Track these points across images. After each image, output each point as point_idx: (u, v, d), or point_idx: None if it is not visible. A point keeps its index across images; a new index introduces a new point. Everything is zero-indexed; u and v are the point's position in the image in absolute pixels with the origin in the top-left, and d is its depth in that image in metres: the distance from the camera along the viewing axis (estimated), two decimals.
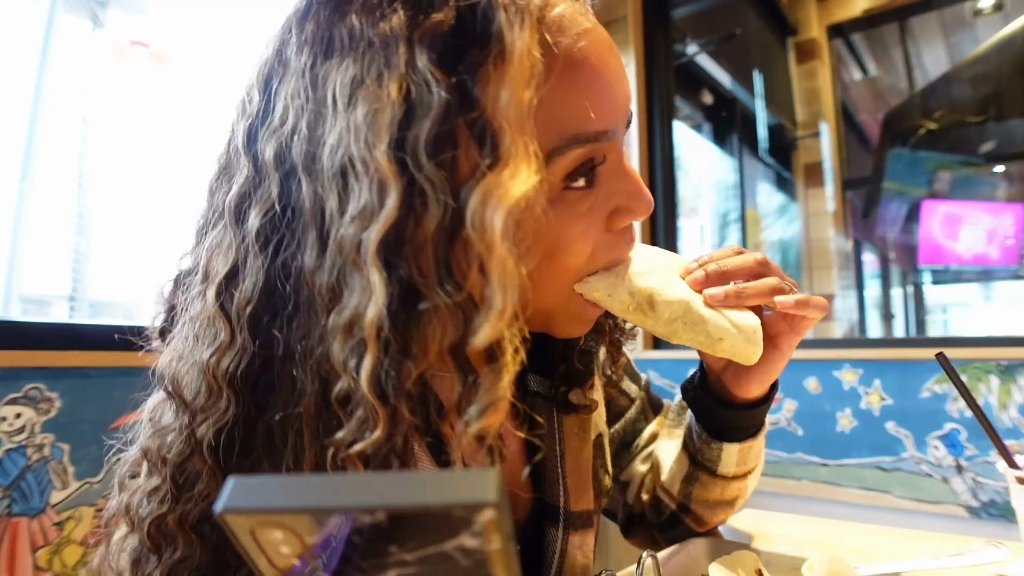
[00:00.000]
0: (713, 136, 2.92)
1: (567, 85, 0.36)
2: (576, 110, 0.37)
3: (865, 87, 3.33)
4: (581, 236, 0.40)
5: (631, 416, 0.70)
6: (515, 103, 0.32)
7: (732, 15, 2.63)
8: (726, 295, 0.46)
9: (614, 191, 0.41)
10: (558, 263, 0.40)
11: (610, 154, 0.40)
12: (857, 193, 3.13)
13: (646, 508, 0.67)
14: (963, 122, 2.79)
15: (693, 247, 2.88)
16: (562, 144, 0.37)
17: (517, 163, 0.32)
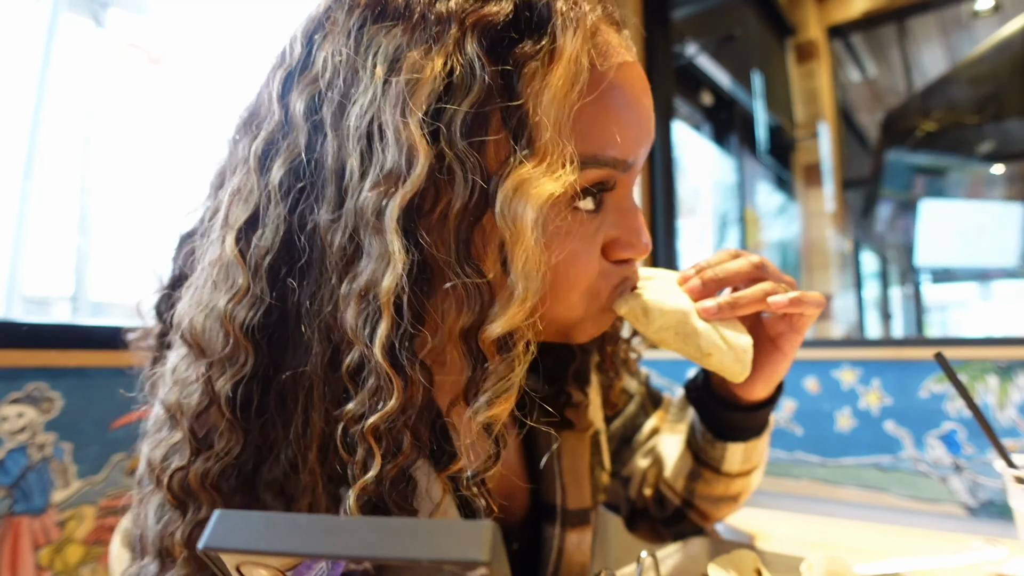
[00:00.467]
0: (713, 136, 2.92)
1: (601, 106, 0.37)
2: (604, 132, 0.37)
3: (864, 88, 3.34)
4: (581, 255, 0.40)
5: (631, 412, 0.70)
6: (557, 103, 0.32)
7: (731, 16, 2.63)
8: (719, 308, 0.45)
9: (618, 223, 0.42)
10: (564, 277, 0.39)
11: (621, 185, 0.41)
12: (856, 193, 3.14)
13: (649, 503, 0.67)
14: (961, 123, 2.80)
15: (693, 247, 2.88)
16: (584, 160, 0.36)
17: (554, 161, 0.32)
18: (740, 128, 2.92)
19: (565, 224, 0.38)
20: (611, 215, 0.41)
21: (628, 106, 0.38)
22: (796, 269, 3.13)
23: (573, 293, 0.41)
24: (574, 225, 0.39)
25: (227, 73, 1.46)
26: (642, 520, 0.70)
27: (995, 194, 2.78)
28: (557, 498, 0.53)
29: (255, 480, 0.35)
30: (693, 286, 0.47)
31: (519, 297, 0.31)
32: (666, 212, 1.97)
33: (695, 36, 2.32)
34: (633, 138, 0.39)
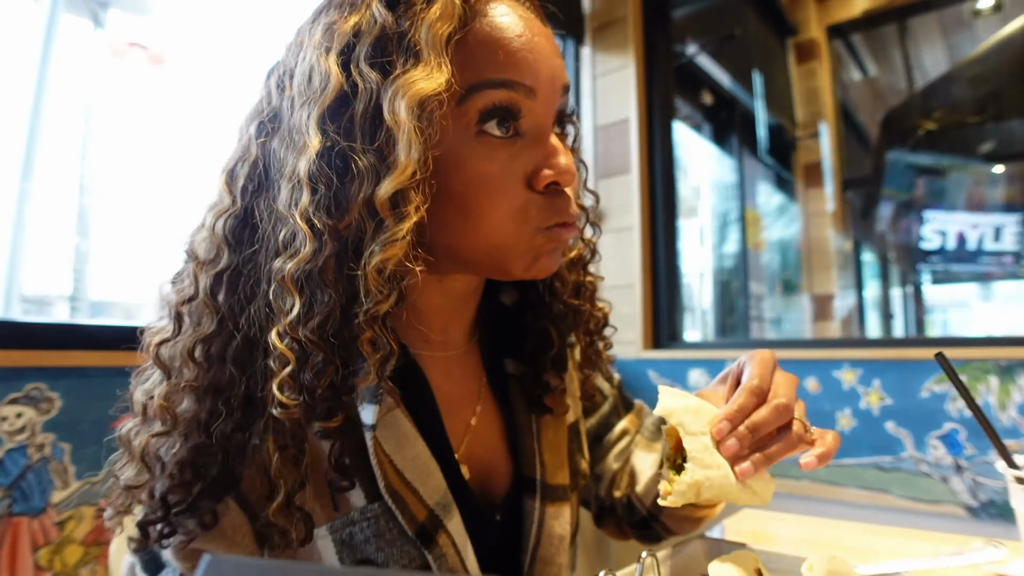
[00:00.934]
0: (713, 136, 2.92)
1: (490, 38, 0.46)
2: (490, 57, 0.45)
3: (865, 87, 3.33)
4: (497, 178, 0.46)
5: (604, 412, 0.73)
6: (433, 29, 0.42)
7: (732, 15, 2.63)
8: (755, 467, 0.49)
9: (535, 153, 0.48)
10: (488, 202, 0.46)
11: (531, 114, 0.47)
12: (856, 193, 3.14)
13: (618, 505, 0.71)
14: (962, 122, 2.79)
15: (693, 247, 2.88)
16: (478, 82, 0.45)
17: (427, 69, 0.42)
18: (740, 128, 2.92)
19: (475, 147, 0.46)
20: (529, 145, 0.48)
21: (516, 37, 0.46)
22: (797, 269, 3.13)
23: (495, 213, 0.47)
24: (485, 149, 0.46)
25: (227, 72, 1.46)
26: (609, 518, 0.74)
27: (996, 194, 2.78)
28: (537, 472, 0.57)
29: (224, 355, 0.45)
30: (731, 448, 0.50)
31: (401, 165, 0.40)
32: (666, 212, 1.97)
33: (695, 35, 2.32)
34: (523, 64, 0.46)
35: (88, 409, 0.98)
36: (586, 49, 2.07)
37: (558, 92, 0.49)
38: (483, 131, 0.46)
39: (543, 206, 0.48)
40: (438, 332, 0.56)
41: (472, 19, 0.45)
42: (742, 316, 2.88)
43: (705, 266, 2.91)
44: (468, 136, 0.46)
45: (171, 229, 1.35)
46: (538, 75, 0.47)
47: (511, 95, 0.46)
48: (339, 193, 0.42)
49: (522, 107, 0.46)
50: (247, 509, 0.45)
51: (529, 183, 0.48)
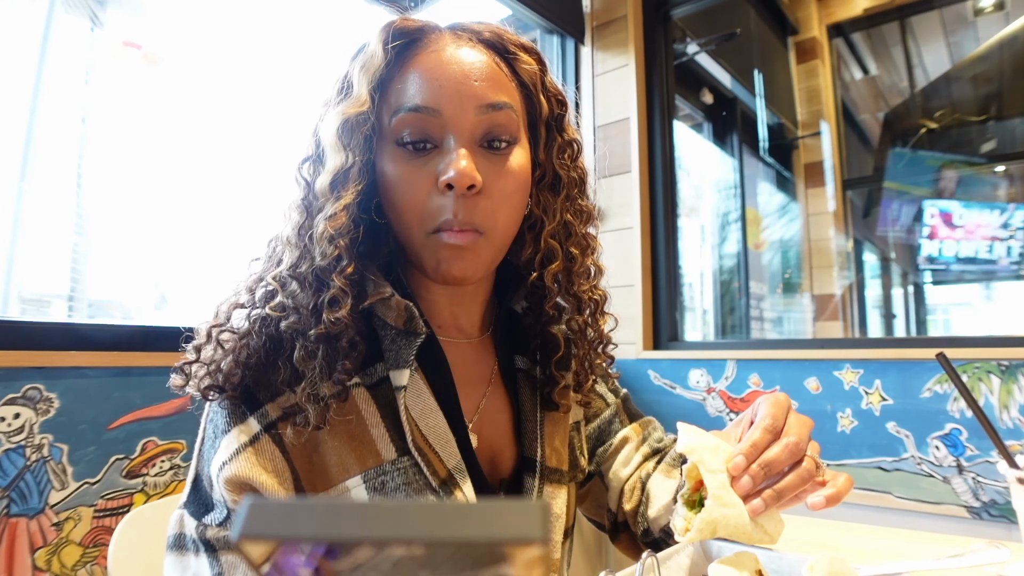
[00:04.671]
0: (713, 136, 2.92)
1: (410, 74, 0.57)
2: (408, 90, 0.56)
3: (866, 86, 3.33)
4: (409, 181, 0.55)
5: (606, 416, 0.78)
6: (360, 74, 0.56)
7: (732, 14, 2.62)
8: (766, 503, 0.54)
9: (440, 161, 0.56)
10: (400, 202, 0.56)
11: (440, 130, 0.56)
12: (857, 193, 3.13)
13: (629, 519, 0.73)
14: (964, 121, 2.79)
15: (693, 247, 2.88)
16: (396, 109, 0.56)
17: (352, 100, 0.55)
18: (741, 127, 2.92)
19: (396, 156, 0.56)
20: (440, 155, 0.56)
21: (426, 70, 0.57)
22: (797, 269, 3.12)
23: (406, 212, 0.56)
24: (402, 157, 0.56)
25: (223, 71, 1.46)
26: (623, 533, 0.76)
27: (998, 193, 2.77)
28: (537, 454, 0.64)
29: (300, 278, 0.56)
30: (745, 487, 0.54)
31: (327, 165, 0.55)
32: (666, 212, 1.96)
33: (696, 34, 2.32)
34: (430, 90, 0.56)
35: (86, 410, 0.97)
36: (586, 49, 2.07)
37: (469, 109, 0.56)
38: (401, 144, 0.56)
39: (439, 209, 0.55)
40: (448, 321, 0.65)
41: (401, 62, 0.58)
42: (743, 316, 2.88)
43: (705, 266, 2.90)
44: (393, 149, 0.57)
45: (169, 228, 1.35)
46: (442, 98, 0.56)
47: (417, 117, 0.55)
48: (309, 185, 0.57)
49: (428, 125, 0.56)
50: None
51: (436, 187, 0.55)
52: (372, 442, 0.55)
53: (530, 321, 0.68)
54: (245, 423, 0.53)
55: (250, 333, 0.54)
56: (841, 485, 0.55)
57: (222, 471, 0.51)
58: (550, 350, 0.66)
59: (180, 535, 0.54)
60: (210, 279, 1.41)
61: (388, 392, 0.56)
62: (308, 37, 1.60)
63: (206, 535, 0.52)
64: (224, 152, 1.45)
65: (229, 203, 1.46)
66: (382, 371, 0.57)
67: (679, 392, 1.77)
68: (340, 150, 0.54)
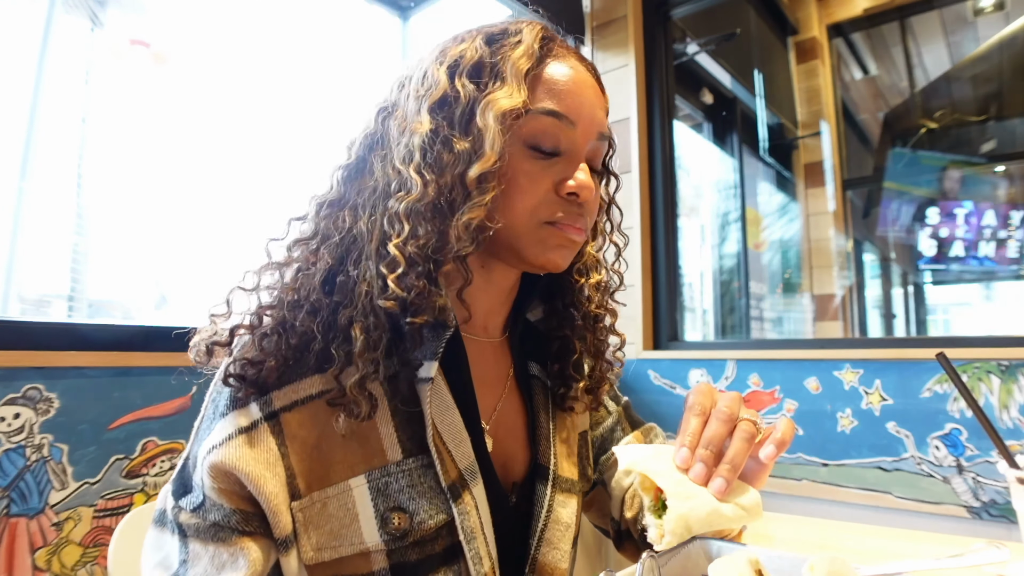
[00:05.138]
0: (713, 136, 2.92)
1: (551, 78, 0.59)
2: (549, 93, 0.58)
3: (866, 86, 3.33)
4: (528, 182, 0.57)
5: (608, 424, 0.79)
6: (516, 66, 0.56)
7: (732, 15, 2.62)
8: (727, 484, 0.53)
9: (565, 169, 0.58)
10: (513, 196, 0.57)
11: (569, 141, 0.58)
12: (857, 193, 3.13)
13: (631, 527, 0.73)
14: (964, 121, 2.79)
15: (693, 247, 2.88)
16: (534, 108, 0.57)
17: (509, 91, 0.55)
18: (741, 127, 2.92)
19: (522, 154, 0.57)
20: (561, 164, 0.58)
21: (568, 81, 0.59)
22: (797, 269, 3.12)
23: (519, 205, 0.57)
24: (528, 157, 0.57)
25: (226, 71, 1.46)
26: (628, 540, 0.76)
27: (998, 193, 2.77)
28: (550, 462, 0.65)
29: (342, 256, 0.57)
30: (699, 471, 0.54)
31: (486, 155, 0.53)
32: (666, 212, 1.96)
33: (696, 34, 2.32)
34: (571, 105, 0.58)
35: (86, 409, 0.97)
36: (586, 48, 2.07)
37: (594, 133, 0.60)
38: (531, 143, 0.57)
39: (554, 206, 0.58)
40: (480, 317, 0.66)
41: (544, 61, 0.59)
42: (742, 316, 2.88)
43: (705, 266, 2.90)
44: (520, 146, 0.57)
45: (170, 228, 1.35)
46: (579, 113, 0.59)
47: (555, 123, 0.57)
48: (440, 162, 0.55)
49: (560, 133, 0.58)
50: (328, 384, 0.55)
51: (556, 190, 0.58)
52: (379, 440, 0.55)
53: (552, 325, 0.70)
54: (246, 408, 0.53)
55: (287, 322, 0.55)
56: (784, 428, 0.56)
57: (209, 455, 0.51)
58: (566, 354, 0.68)
59: (163, 511, 0.54)
60: (210, 279, 1.41)
61: (402, 387, 0.56)
62: (309, 36, 1.60)
63: (179, 518, 0.52)
64: (225, 151, 1.45)
65: (230, 202, 1.46)
66: (397, 364, 0.56)
67: (679, 392, 1.78)
68: (498, 143, 0.54)
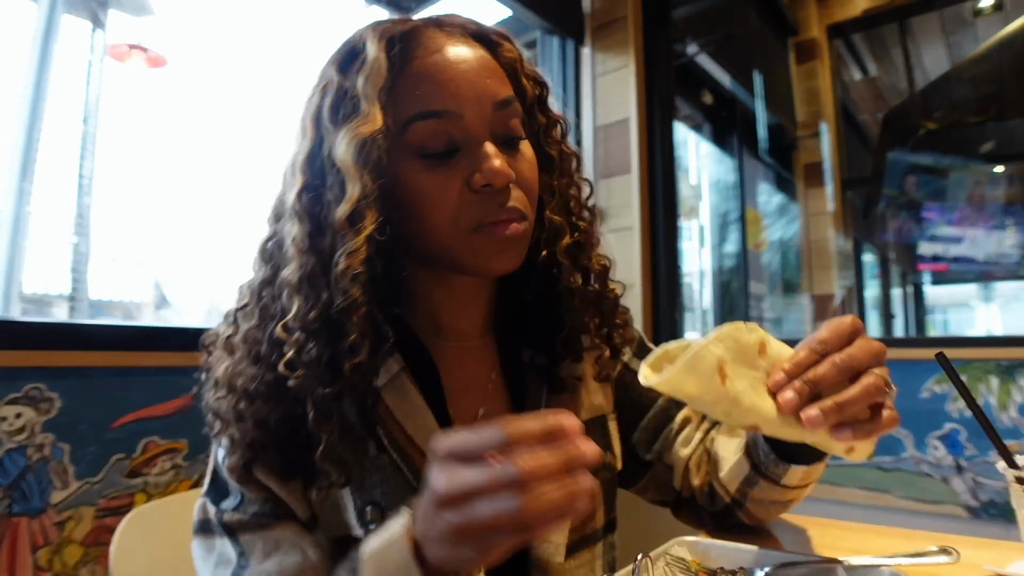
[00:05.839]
0: (713, 136, 2.92)
1: (417, 78, 0.55)
2: (420, 95, 0.54)
3: (865, 87, 3.33)
4: (438, 190, 0.54)
5: (661, 404, 0.73)
6: (367, 87, 0.53)
7: (732, 15, 2.63)
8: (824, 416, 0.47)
9: (471, 162, 0.54)
10: (429, 211, 0.55)
11: (463, 132, 0.55)
12: (857, 193, 3.13)
13: (697, 493, 0.70)
14: (963, 122, 2.79)
15: (693, 247, 2.88)
16: (410, 117, 0.54)
17: (364, 117, 0.52)
18: (741, 127, 2.92)
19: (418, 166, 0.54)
20: (466, 156, 0.55)
21: (436, 72, 0.55)
22: (797, 269, 3.13)
23: (436, 218, 0.55)
24: (425, 166, 0.54)
25: (226, 74, 1.46)
26: (687, 508, 0.73)
27: (997, 194, 2.77)
28: None
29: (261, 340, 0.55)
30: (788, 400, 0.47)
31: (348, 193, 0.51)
32: (666, 212, 1.96)
33: (696, 35, 2.32)
34: (446, 92, 0.54)
35: (88, 409, 0.97)
36: (586, 49, 2.07)
37: (487, 107, 0.55)
38: (422, 152, 0.54)
39: (475, 208, 0.54)
40: (447, 323, 0.63)
41: (404, 65, 0.55)
42: (742, 316, 2.88)
43: (705, 266, 2.90)
44: (411, 158, 0.55)
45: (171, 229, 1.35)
46: (460, 97, 0.55)
47: (438, 122, 0.54)
48: (312, 216, 0.53)
49: (447, 129, 0.54)
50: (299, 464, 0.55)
51: (469, 187, 0.54)
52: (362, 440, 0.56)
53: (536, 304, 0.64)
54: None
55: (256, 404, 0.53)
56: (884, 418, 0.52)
57: (224, 462, 0.54)
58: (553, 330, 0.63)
59: (205, 520, 0.56)
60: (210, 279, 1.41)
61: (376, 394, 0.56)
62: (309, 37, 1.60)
63: (223, 519, 0.55)
64: (225, 153, 1.46)
65: (230, 204, 1.47)
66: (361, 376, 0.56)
67: None
68: (357, 177, 0.51)
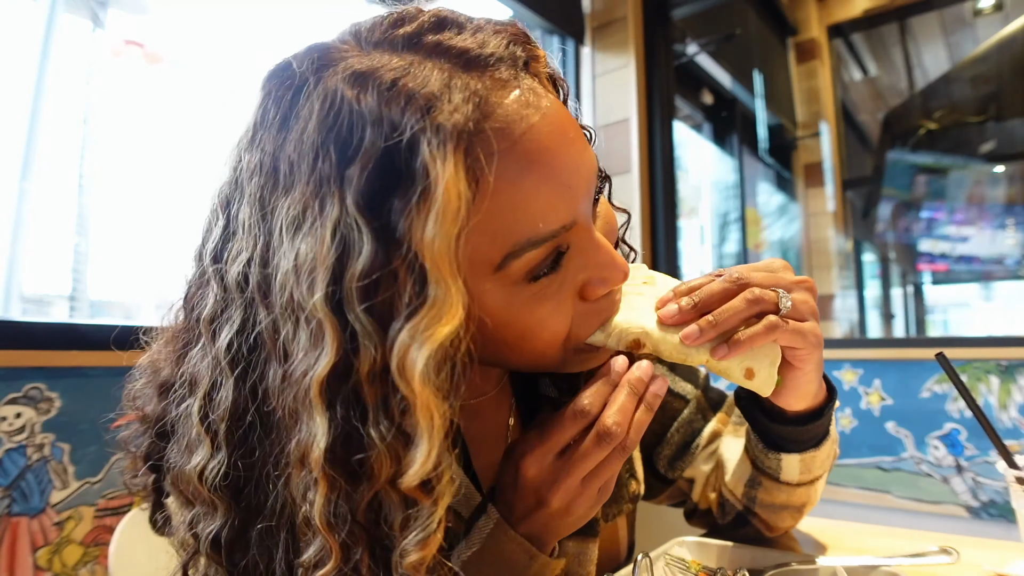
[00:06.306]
0: (713, 136, 2.92)
1: (516, 189, 0.36)
2: (528, 214, 0.37)
3: (865, 87, 3.33)
4: (551, 315, 0.41)
5: (686, 417, 0.69)
6: (441, 239, 0.32)
7: (732, 15, 2.63)
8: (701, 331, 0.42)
9: (585, 265, 0.41)
10: (536, 340, 0.41)
11: (575, 237, 0.40)
12: (857, 193, 3.13)
13: (713, 506, 0.67)
14: (963, 122, 2.79)
15: (693, 247, 2.88)
16: (517, 249, 0.37)
17: (443, 303, 0.32)
18: (741, 127, 2.92)
19: (525, 295, 0.39)
20: (575, 261, 0.41)
21: (547, 175, 0.37)
22: (797, 269, 3.12)
23: (551, 348, 0.42)
24: (536, 292, 0.39)
25: (227, 72, 1.46)
26: (700, 519, 0.70)
27: (996, 194, 2.77)
28: None
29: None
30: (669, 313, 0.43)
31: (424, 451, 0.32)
32: (666, 212, 1.97)
33: (696, 35, 2.32)
34: (564, 203, 0.38)
35: (87, 409, 0.97)
36: (586, 49, 2.07)
37: (591, 195, 0.42)
38: (529, 278, 0.39)
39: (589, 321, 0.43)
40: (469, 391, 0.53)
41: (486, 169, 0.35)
42: None
43: (705, 266, 2.90)
44: (515, 290, 0.39)
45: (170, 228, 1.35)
46: (578, 201, 0.39)
47: (555, 243, 0.39)
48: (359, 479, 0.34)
49: (568, 241, 0.40)
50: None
51: (582, 297, 0.43)
52: None
53: None
54: None
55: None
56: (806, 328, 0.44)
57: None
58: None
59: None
60: None
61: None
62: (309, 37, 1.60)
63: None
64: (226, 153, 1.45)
65: None
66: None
67: None
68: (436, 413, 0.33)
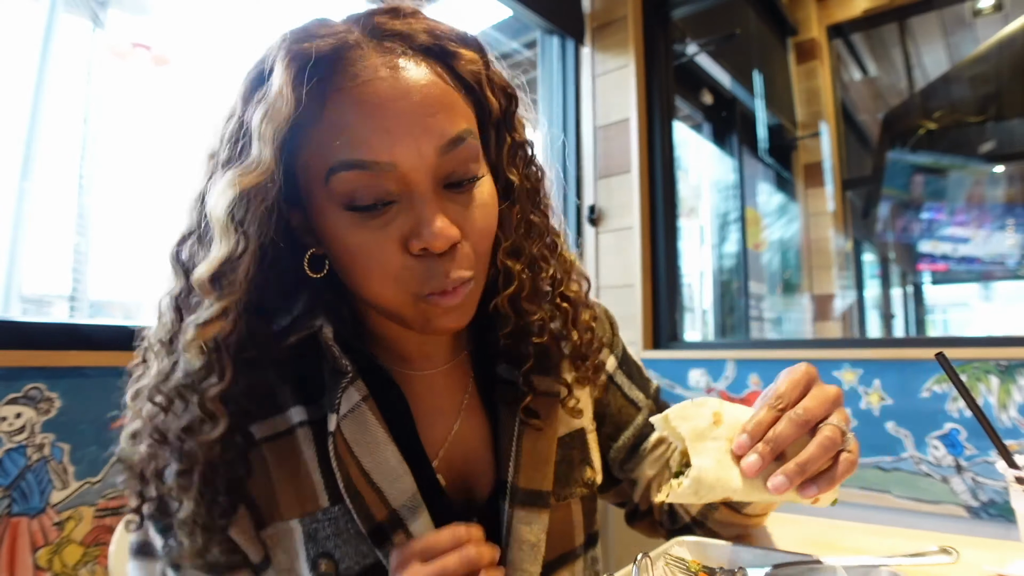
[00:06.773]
0: (713, 136, 2.92)
1: (342, 118, 0.46)
2: (348, 140, 0.46)
3: (865, 87, 3.33)
4: (372, 250, 0.47)
5: (639, 423, 0.73)
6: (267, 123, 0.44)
7: (732, 15, 2.62)
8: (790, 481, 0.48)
9: (408, 218, 0.47)
10: (365, 271, 0.48)
11: (401, 185, 0.47)
12: (857, 193, 3.14)
13: (657, 511, 0.72)
14: (963, 122, 2.79)
15: (693, 247, 2.88)
16: (336, 165, 0.46)
17: (253, 164, 0.44)
18: (740, 127, 2.92)
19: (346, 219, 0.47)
20: (404, 211, 0.47)
21: (370, 115, 0.46)
22: (797, 269, 3.13)
23: (372, 279, 0.49)
24: (355, 220, 0.47)
25: (227, 72, 1.46)
26: (642, 520, 0.75)
27: (996, 194, 2.77)
28: (509, 475, 0.57)
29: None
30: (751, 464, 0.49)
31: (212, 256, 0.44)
32: (666, 212, 1.96)
33: (695, 35, 2.32)
34: (380, 142, 0.45)
35: (87, 409, 0.97)
36: (586, 49, 2.07)
37: (431, 153, 0.46)
38: (349, 205, 0.47)
39: (418, 273, 0.48)
40: (415, 352, 0.59)
41: (322, 98, 0.46)
42: (742, 316, 2.88)
43: (705, 266, 2.90)
44: (339, 210, 0.47)
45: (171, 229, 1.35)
46: (395, 147, 0.45)
47: (365, 175, 0.46)
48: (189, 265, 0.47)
49: (381, 180, 0.46)
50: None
51: (406, 248, 0.48)
52: (312, 486, 0.52)
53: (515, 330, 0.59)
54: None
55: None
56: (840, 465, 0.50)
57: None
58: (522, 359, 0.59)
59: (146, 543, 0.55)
60: None
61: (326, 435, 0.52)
62: None
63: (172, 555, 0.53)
64: None
65: None
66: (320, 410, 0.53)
67: (679, 392, 1.78)
68: (230, 232, 0.44)
